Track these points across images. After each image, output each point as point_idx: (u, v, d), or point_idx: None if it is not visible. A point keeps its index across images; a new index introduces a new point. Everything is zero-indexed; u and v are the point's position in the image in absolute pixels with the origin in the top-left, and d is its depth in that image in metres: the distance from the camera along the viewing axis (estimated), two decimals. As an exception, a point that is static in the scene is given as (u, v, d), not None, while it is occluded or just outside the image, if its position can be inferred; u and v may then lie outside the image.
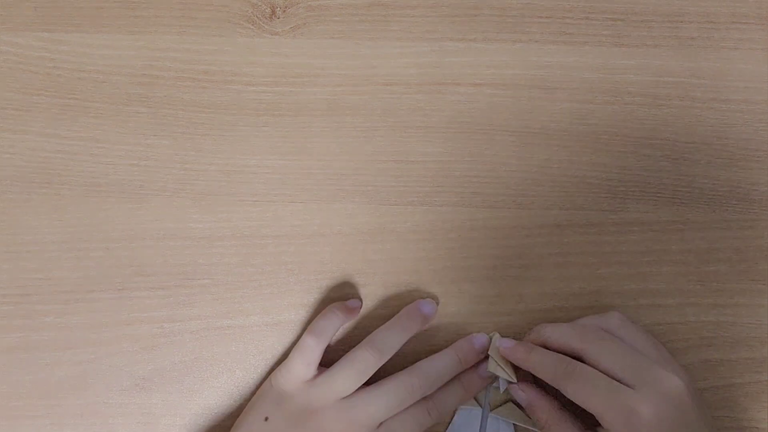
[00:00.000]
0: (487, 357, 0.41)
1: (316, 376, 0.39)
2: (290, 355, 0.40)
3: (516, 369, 0.40)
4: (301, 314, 0.43)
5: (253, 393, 0.42)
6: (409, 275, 0.43)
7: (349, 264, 0.43)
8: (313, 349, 0.39)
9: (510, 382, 0.40)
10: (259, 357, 0.42)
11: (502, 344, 0.40)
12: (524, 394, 0.39)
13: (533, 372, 0.39)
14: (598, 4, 0.45)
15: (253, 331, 0.42)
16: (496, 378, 0.41)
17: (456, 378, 0.40)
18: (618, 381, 0.35)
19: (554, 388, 0.38)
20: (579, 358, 0.37)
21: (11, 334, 0.42)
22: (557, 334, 0.39)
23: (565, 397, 0.37)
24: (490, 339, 0.41)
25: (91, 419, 0.42)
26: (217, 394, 0.42)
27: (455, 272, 0.43)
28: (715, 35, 0.44)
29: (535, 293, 0.42)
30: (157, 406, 0.42)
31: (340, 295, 0.42)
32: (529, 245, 0.43)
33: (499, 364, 0.40)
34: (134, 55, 0.45)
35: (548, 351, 0.38)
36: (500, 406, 0.41)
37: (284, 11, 0.45)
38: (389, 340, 0.39)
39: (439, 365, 0.40)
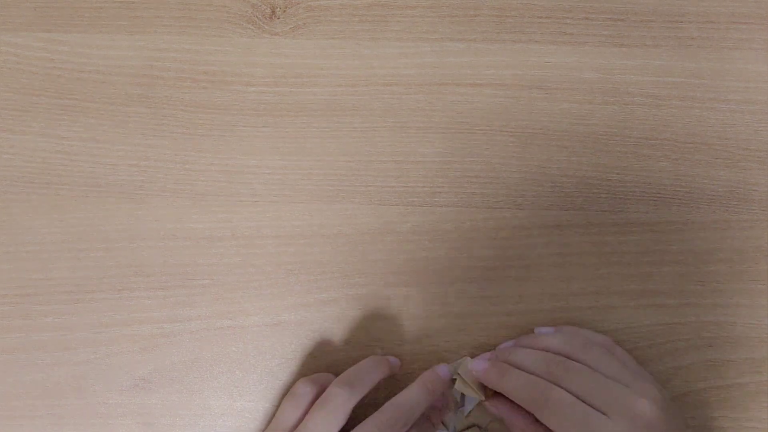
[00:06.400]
0: (454, 380, 0.40)
1: (296, 425, 0.38)
2: (281, 402, 0.39)
3: (485, 387, 0.40)
4: (301, 314, 0.43)
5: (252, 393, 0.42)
6: (409, 275, 0.43)
7: (349, 264, 0.43)
8: (304, 395, 0.39)
9: (482, 401, 0.39)
10: (259, 357, 0.42)
11: (474, 366, 0.39)
12: (497, 410, 0.39)
13: (507, 395, 0.38)
14: (598, 4, 0.45)
15: (253, 331, 0.42)
16: (462, 402, 0.41)
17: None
18: (591, 407, 0.36)
19: None
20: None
21: (11, 334, 0.42)
22: (527, 361, 0.38)
23: None
24: (457, 364, 0.40)
25: (91, 419, 0.42)
26: (217, 394, 0.42)
27: (455, 272, 0.43)
28: (715, 35, 0.44)
29: (535, 293, 0.42)
30: (156, 406, 0.42)
31: (341, 295, 0.42)
32: (529, 245, 0.43)
33: (468, 384, 0.39)
34: (134, 55, 0.45)
35: (522, 373, 0.38)
36: (466, 429, 0.41)
37: (284, 11, 0.45)
38: (360, 376, 0.39)
39: (410, 397, 0.39)
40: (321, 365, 0.42)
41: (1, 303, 0.43)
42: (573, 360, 0.38)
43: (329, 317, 0.42)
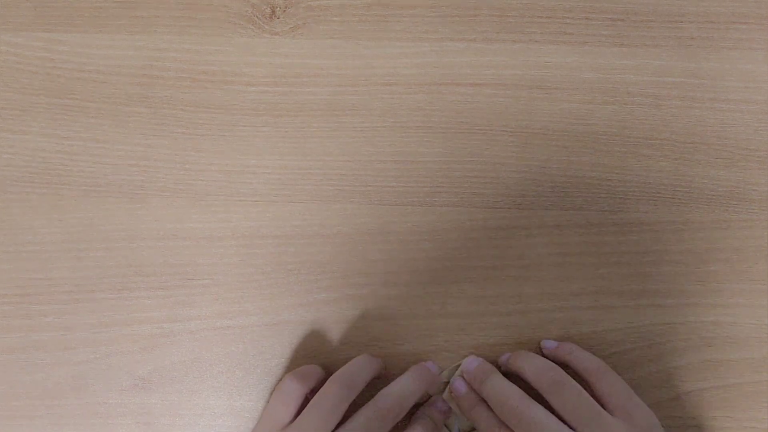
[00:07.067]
0: (447, 384, 0.41)
1: (291, 421, 0.38)
2: (269, 399, 0.39)
3: None
4: (301, 314, 0.43)
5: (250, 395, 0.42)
6: (409, 275, 0.43)
7: (349, 264, 0.43)
8: (293, 391, 0.39)
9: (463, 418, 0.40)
10: (259, 357, 0.42)
11: (454, 386, 0.40)
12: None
13: (473, 424, 0.39)
14: (598, 4, 0.45)
15: (253, 331, 0.42)
16: None
17: (423, 412, 0.41)
18: None
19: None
20: None
21: (11, 334, 0.42)
22: (493, 396, 0.38)
23: None
24: (455, 368, 0.41)
25: (90, 419, 0.42)
26: (217, 394, 0.42)
27: (455, 272, 0.43)
28: (715, 35, 0.44)
29: (535, 293, 0.42)
30: (156, 406, 0.42)
31: (341, 295, 0.42)
32: (529, 245, 0.43)
33: (453, 398, 0.41)
34: (134, 55, 0.45)
35: (486, 412, 0.39)
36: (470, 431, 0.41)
37: (284, 11, 0.45)
38: (356, 374, 0.39)
39: (401, 387, 0.39)
40: (321, 365, 0.42)
41: (1, 303, 0.43)
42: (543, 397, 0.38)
43: (329, 317, 0.42)
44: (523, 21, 0.44)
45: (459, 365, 0.41)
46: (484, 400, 0.39)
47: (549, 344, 0.41)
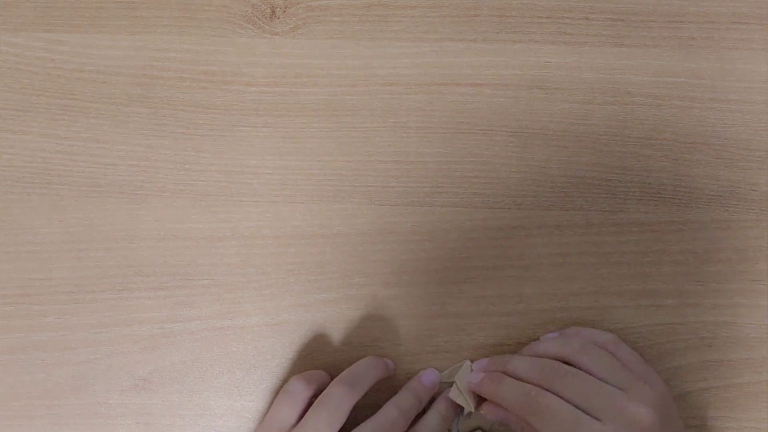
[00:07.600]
0: (452, 383, 0.41)
1: (296, 423, 0.38)
2: (272, 400, 0.40)
3: (477, 397, 0.40)
4: (301, 314, 0.43)
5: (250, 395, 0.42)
6: (409, 275, 0.43)
7: (349, 264, 0.43)
8: (300, 392, 0.39)
9: (474, 410, 0.40)
10: (259, 357, 0.42)
11: (471, 379, 0.40)
12: (493, 415, 0.40)
13: (501, 404, 0.39)
14: (598, 4, 0.45)
15: (253, 331, 0.42)
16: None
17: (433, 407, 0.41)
18: (585, 413, 0.36)
19: None
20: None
21: (11, 334, 0.42)
22: (521, 368, 0.39)
23: None
24: (455, 369, 0.41)
25: (90, 419, 0.42)
26: (217, 394, 0.42)
27: (455, 272, 0.43)
28: (715, 35, 0.44)
29: (535, 293, 0.42)
30: (156, 406, 0.42)
31: (341, 295, 0.42)
32: (529, 245, 0.43)
33: (461, 393, 0.40)
34: (134, 55, 0.45)
35: (515, 382, 0.38)
36: None
37: (284, 11, 0.45)
38: (359, 376, 0.39)
39: (406, 398, 0.40)
40: (321, 365, 0.42)
41: (1, 303, 0.43)
42: (571, 363, 0.38)
43: (329, 317, 0.42)
44: (523, 21, 0.44)
45: (460, 365, 0.41)
46: (505, 376, 0.39)
47: (550, 336, 0.41)
